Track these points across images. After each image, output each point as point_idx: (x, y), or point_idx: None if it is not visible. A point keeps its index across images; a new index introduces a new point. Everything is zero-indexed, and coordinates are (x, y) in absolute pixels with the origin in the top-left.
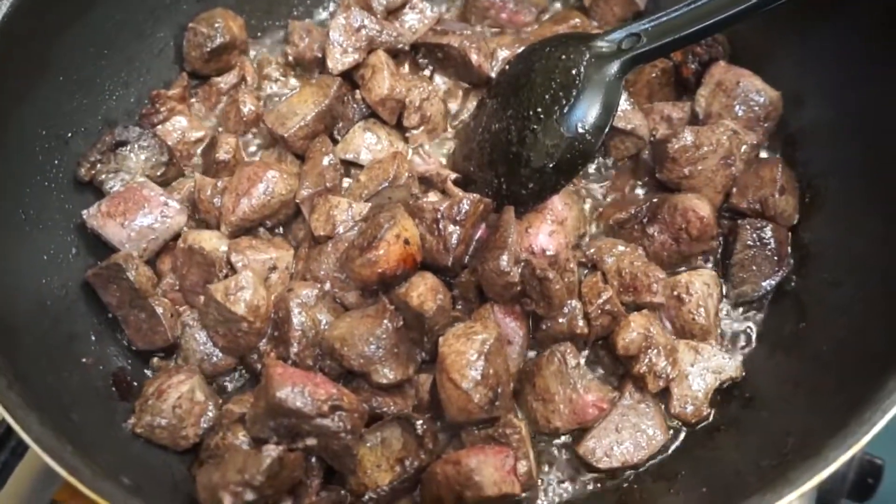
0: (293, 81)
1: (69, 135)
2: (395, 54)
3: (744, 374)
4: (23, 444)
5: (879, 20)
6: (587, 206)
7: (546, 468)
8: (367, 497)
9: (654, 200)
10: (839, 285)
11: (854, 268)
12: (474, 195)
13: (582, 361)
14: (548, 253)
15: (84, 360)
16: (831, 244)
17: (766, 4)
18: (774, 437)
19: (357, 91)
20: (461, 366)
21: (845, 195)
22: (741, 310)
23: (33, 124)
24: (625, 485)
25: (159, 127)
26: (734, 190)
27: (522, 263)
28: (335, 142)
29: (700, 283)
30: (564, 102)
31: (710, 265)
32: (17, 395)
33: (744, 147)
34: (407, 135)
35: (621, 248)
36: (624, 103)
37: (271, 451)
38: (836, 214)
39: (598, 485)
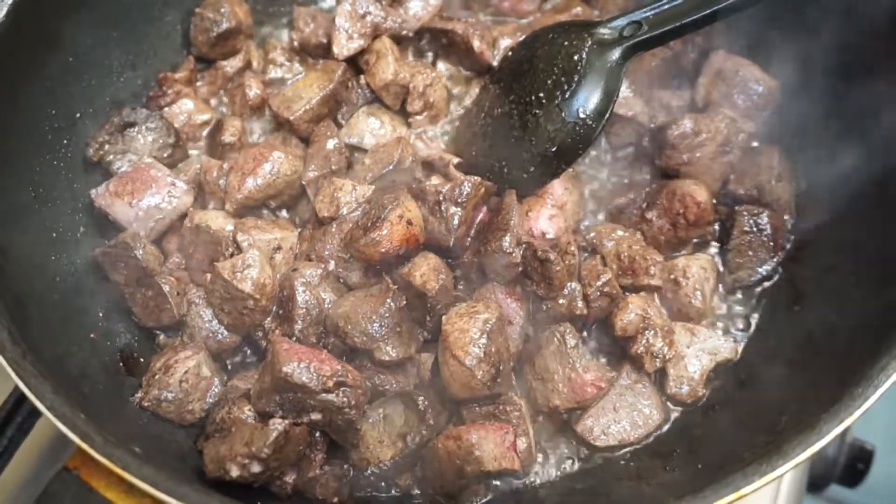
0: (298, 66)
1: (77, 115)
2: (399, 40)
3: (739, 355)
4: (29, 420)
5: (873, 10)
6: (587, 191)
7: (545, 445)
8: (369, 471)
9: (653, 186)
10: (833, 270)
11: (847, 253)
12: (475, 178)
13: (581, 342)
14: (548, 236)
15: (92, 335)
16: (826, 230)
17: None
18: (768, 416)
19: (361, 76)
20: (464, 343)
21: (840, 182)
22: (737, 293)
23: (43, 104)
24: (621, 462)
25: (166, 109)
26: (732, 177)
27: (524, 245)
28: (339, 126)
29: (697, 266)
30: (566, 88)
31: (707, 250)
32: (31, 365)
33: (742, 135)
34: (410, 120)
35: (620, 232)
36: (625, 90)
37: (277, 424)
38: (830, 201)
39: (596, 462)
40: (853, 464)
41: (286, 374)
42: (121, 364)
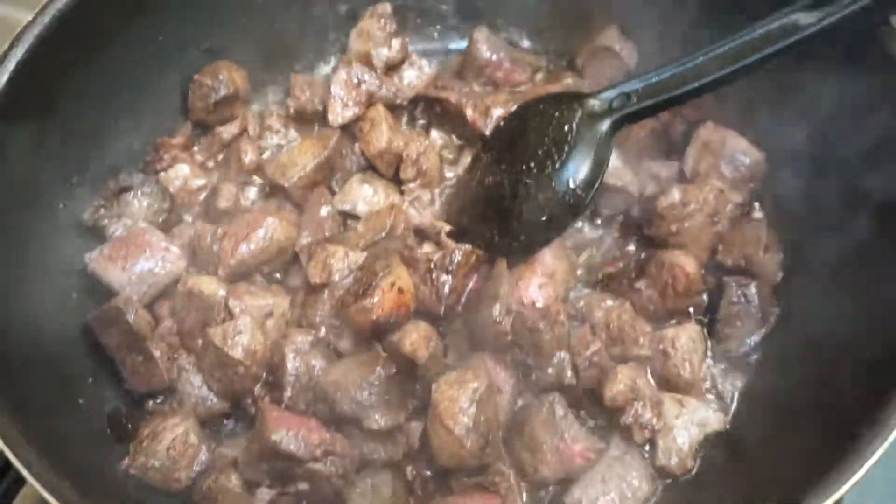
0: (293, 133)
1: (73, 180)
2: (394, 108)
3: (728, 427)
4: (14, 487)
5: (856, 84)
6: (577, 260)
7: None
8: None
9: (643, 256)
10: (819, 344)
11: (834, 327)
12: (467, 246)
13: (570, 412)
14: (538, 305)
15: (81, 400)
16: (813, 303)
17: (751, 68)
18: (757, 488)
19: (356, 143)
20: (454, 412)
21: (826, 255)
22: (726, 364)
23: (39, 169)
24: None
25: (162, 174)
26: (720, 247)
27: (514, 314)
28: (333, 192)
29: (686, 337)
30: (557, 158)
31: (696, 321)
32: (17, 433)
33: (729, 206)
34: (403, 187)
35: (609, 301)
36: (614, 161)
37: (264, 494)
38: (817, 273)
39: None
40: None
41: (275, 442)
42: (109, 430)
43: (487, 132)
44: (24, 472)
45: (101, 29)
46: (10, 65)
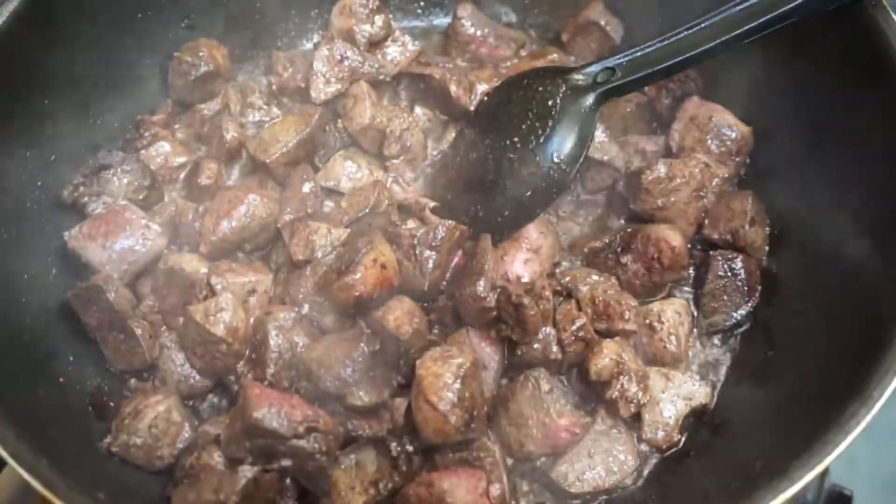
0: (276, 110)
1: (52, 157)
2: (377, 85)
3: (714, 401)
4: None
5: (839, 59)
6: (562, 235)
7: (519, 492)
8: None
9: (628, 231)
10: (806, 315)
11: (820, 298)
12: (450, 222)
13: (555, 387)
14: (523, 280)
15: (61, 379)
16: (798, 275)
17: (734, 42)
18: (743, 461)
19: (339, 120)
20: (438, 388)
21: (811, 227)
22: (712, 338)
23: (18, 146)
24: None
25: (143, 152)
26: (706, 221)
27: (498, 290)
28: (316, 169)
29: (672, 311)
30: (541, 133)
31: (682, 294)
32: None
33: (716, 180)
34: (387, 164)
35: (595, 277)
36: (600, 135)
37: (246, 471)
38: (802, 246)
39: None
40: None
41: (257, 419)
42: (90, 408)
43: (472, 108)
44: (4, 454)
45: (80, 5)
46: None
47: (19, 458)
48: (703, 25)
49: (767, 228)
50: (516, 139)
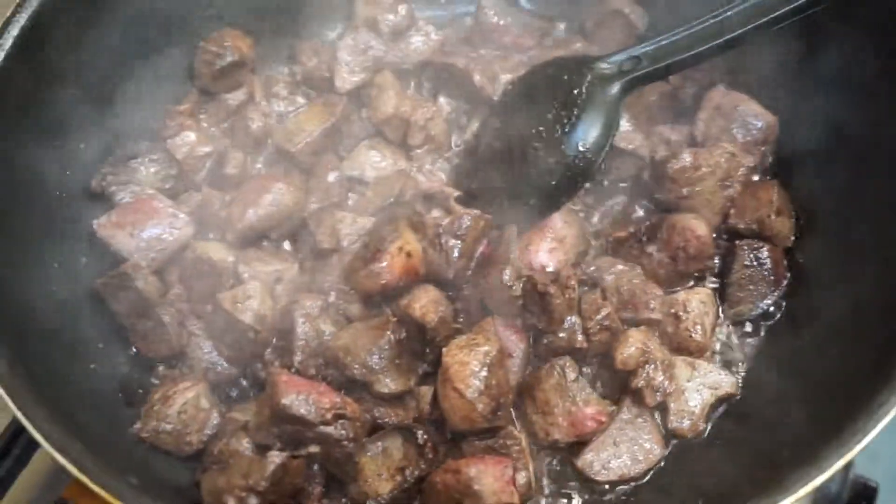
0: (300, 99)
1: (81, 146)
2: (401, 74)
3: (739, 390)
4: (27, 451)
5: (870, 51)
6: (588, 224)
7: (545, 480)
8: None
9: (653, 220)
10: (833, 305)
11: (847, 288)
12: (475, 211)
13: (581, 375)
14: (548, 269)
15: (92, 365)
16: (825, 265)
17: (760, 30)
18: (770, 450)
19: (363, 109)
20: (465, 376)
21: (837, 217)
22: (738, 328)
23: (46, 135)
24: (623, 497)
25: (169, 141)
26: (732, 211)
27: (524, 279)
28: (341, 158)
29: (697, 301)
30: (566, 121)
31: (707, 284)
32: (29, 395)
33: (741, 169)
34: (411, 153)
35: (620, 266)
36: (625, 124)
37: (275, 457)
38: (829, 236)
39: (597, 497)
40: (857, 500)
41: (285, 406)
42: (120, 395)
43: (496, 97)
44: (37, 436)
45: None
46: (14, 30)
47: (53, 441)
48: (728, 13)
49: (794, 218)
50: (541, 128)
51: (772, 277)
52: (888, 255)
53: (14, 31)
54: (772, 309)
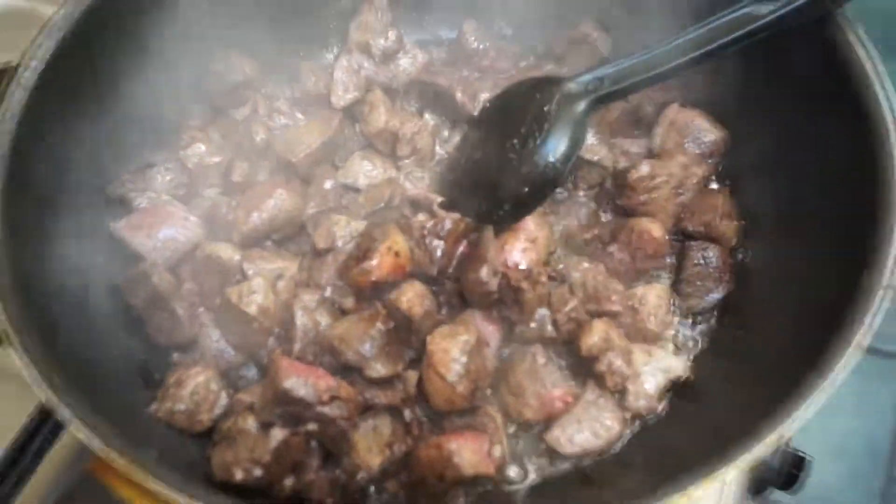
0: (299, 115)
1: (102, 157)
2: (390, 92)
3: (690, 374)
4: (56, 430)
5: (808, 70)
6: (557, 227)
7: (517, 453)
8: (359, 476)
9: (615, 223)
10: (772, 300)
11: (783, 284)
12: (456, 215)
13: (550, 361)
14: (521, 267)
15: (113, 353)
16: (764, 263)
17: (707, 56)
18: (717, 426)
19: (356, 124)
20: (447, 361)
21: (776, 221)
22: (689, 319)
23: (74, 149)
24: (586, 470)
25: (182, 152)
26: (684, 215)
27: (499, 275)
28: (336, 168)
29: (653, 295)
30: (538, 135)
31: (662, 280)
32: (58, 379)
33: (693, 179)
34: (399, 163)
35: (585, 264)
36: (590, 138)
37: (277, 434)
38: (768, 238)
39: (563, 469)
40: (790, 471)
41: (286, 389)
42: (139, 379)
43: (475, 113)
44: (64, 416)
45: (125, 23)
46: (40, 53)
47: (79, 421)
48: (680, 41)
49: (738, 222)
50: (515, 141)
51: (718, 274)
52: (818, 255)
53: (39, 53)
54: (719, 302)
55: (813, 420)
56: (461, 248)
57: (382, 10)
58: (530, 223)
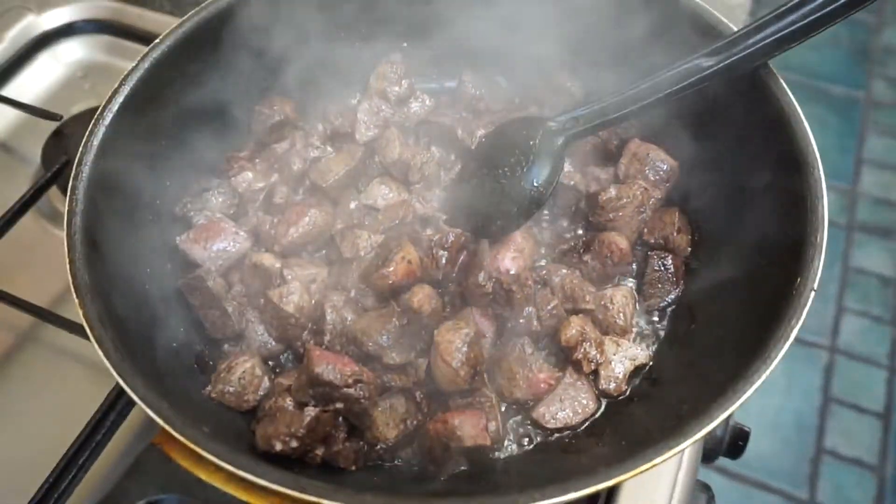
0: (329, 148)
1: (167, 183)
2: (404, 130)
3: (651, 361)
4: (126, 408)
5: (742, 112)
6: (540, 240)
7: (509, 428)
8: (378, 446)
9: (588, 236)
10: (716, 298)
11: (728, 287)
12: (458, 230)
13: (536, 350)
14: (511, 272)
15: (174, 344)
16: (711, 269)
17: (663, 100)
18: (674, 405)
19: (376, 156)
20: (451, 350)
21: (720, 235)
22: (650, 316)
23: (142, 176)
24: (566, 440)
25: (232, 179)
26: (645, 230)
27: (493, 280)
28: (359, 191)
29: (620, 295)
30: (524, 165)
31: (627, 283)
32: (128, 367)
33: (652, 200)
34: (411, 188)
35: (564, 270)
36: (567, 166)
37: (310, 411)
38: (714, 248)
39: (547, 441)
40: (735, 442)
41: (318, 373)
42: (196, 366)
43: (473, 147)
44: (134, 397)
45: (189, 72)
46: (120, 98)
47: (147, 401)
48: (640, 88)
49: (690, 235)
50: (506, 170)
51: (674, 279)
52: (753, 262)
53: (119, 98)
54: (674, 302)
55: (753, 399)
56: (462, 257)
57: (397, 64)
58: (518, 236)
